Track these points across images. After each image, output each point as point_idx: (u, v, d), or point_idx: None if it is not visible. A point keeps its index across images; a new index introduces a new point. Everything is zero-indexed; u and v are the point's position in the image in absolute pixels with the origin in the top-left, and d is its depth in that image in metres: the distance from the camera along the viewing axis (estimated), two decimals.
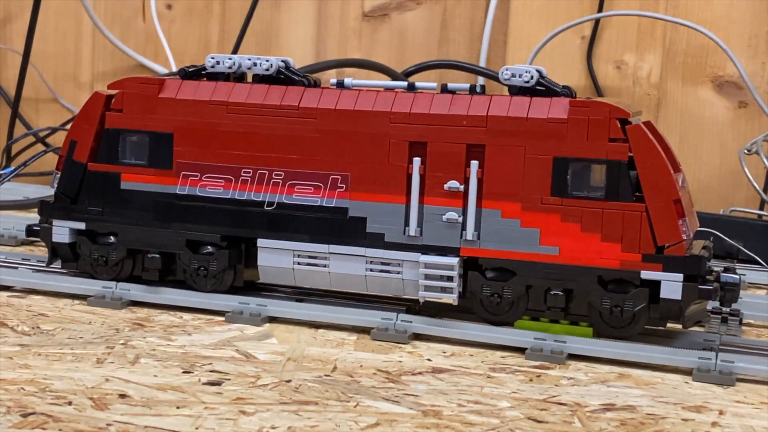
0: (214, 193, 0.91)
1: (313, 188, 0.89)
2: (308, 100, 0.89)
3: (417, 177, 0.87)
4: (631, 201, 0.83)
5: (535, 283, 0.85)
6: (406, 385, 0.75)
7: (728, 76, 1.48)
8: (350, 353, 0.82)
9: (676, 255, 0.82)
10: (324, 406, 0.70)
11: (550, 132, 0.84)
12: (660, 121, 1.49)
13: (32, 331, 0.83)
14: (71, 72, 1.69)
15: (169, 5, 1.66)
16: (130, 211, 0.93)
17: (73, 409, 0.67)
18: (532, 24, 1.53)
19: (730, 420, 0.71)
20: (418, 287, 0.87)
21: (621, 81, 1.51)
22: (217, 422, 0.66)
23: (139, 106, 0.92)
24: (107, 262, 0.94)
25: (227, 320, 0.89)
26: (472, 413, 0.70)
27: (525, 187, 0.85)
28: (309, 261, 0.90)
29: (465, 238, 0.86)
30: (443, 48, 1.57)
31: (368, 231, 0.88)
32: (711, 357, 0.80)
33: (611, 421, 0.70)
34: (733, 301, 0.85)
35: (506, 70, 0.87)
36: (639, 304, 0.84)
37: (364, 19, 1.59)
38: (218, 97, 0.91)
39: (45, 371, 0.74)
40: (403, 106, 0.88)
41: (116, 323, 0.87)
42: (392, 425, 0.67)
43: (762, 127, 1.44)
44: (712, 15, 1.47)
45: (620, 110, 0.84)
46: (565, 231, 0.84)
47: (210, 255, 0.91)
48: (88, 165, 0.93)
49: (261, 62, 0.91)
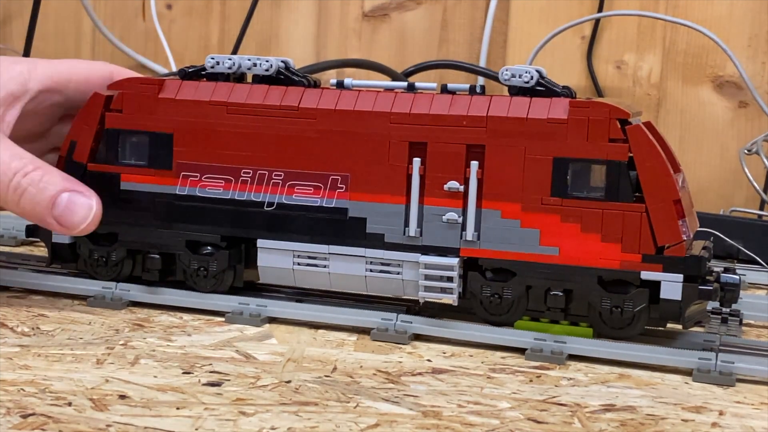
0: (214, 193, 0.91)
1: (312, 189, 0.89)
2: (308, 100, 0.89)
3: (417, 177, 0.87)
4: (631, 201, 0.83)
5: (535, 283, 0.85)
6: (406, 385, 0.75)
7: (728, 76, 1.48)
8: (350, 354, 0.82)
9: (676, 255, 0.82)
10: (324, 406, 0.70)
11: (550, 132, 0.84)
12: (660, 121, 1.49)
13: (32, 332, 0.83)
14: None
15: (169, 5, 1.66)
16: (129, 212, 0.93)
17: (72, 410, 0.67)
18: (532, 24, 1.53)
19: (730, 420, 0.71)
20: (418, 288, 0.87)
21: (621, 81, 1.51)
22: (216, 423, 0.66)
23: (138, 107, 0.92)
24: (107, 262, 0.94)
25: (227, 321, 0.89)
26: (472, 414, 0.70)
27: (525, 188, 0.85)
28: (309, 261, 0.90)
29: (465, 238, 0.86)
30: (443, 48, 1.57)
31: (368, 231, 0.88)
32: (711, 357, 0.80)
33: (611, 422, 0.70)
34: (733, 301, 0.85)
35: (506, 70, 0.87)
36: (639, 305, 0.83)
37: (364, 19, 1.59)
38: (218, 97, 0.91)
39: (45, 372, 0.74)
40: (403, 106, 0.87)
41: (116, 324, 0.87)
42: (392, 426, 0.67)
43: (762, 127, 1.44)
44: (712, 15, 1.47)
45: (620, 110, 0.84)
46: (565, 231, 0.84)
47: (210, 255, 0.91)
48: (88, 165, 0.93)
49: (261, 62, 0.91)
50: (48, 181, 0.87)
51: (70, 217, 0.87)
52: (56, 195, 0.87)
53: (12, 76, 0.91)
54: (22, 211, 0.88)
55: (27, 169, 0.87)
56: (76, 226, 0.88)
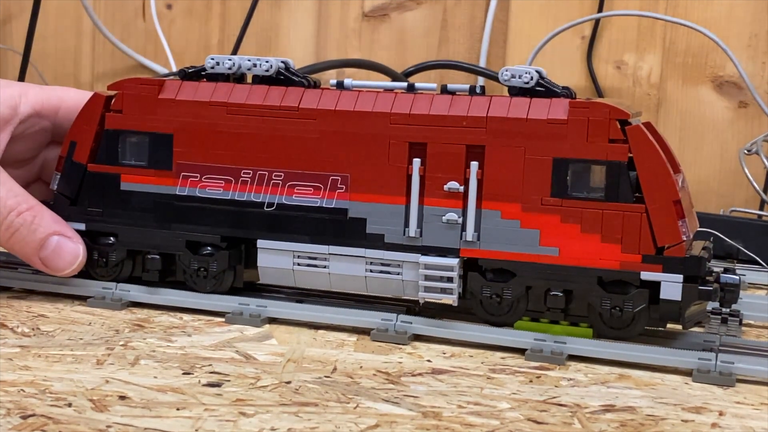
0: (214, 194, 0.91)
1: (312, 189, 0.89)
2: (308, 100, 0.89)
3: (417, 178, 0.87)
4: (630, 202, 0.83)
5: (535, 284, 0.85)
6: (405, 386, 0.75)
7: (728, 76, 1.48)
8: (350, 354, 0.82)
9: (676, 256, 0.82)
10: (324, 407, 0.70)
11: (550, 133, 0.84)
12: (660, 122, 1.49)
13: (32, 333, 0.83)
14: (71, 72, 1.69)
15: (169, 5, 1.66)
16: (129, 212, 0.93)
17: (72, 410, 0.67)
18: (532, 24, 1.53)
19: (730, 421, 0.71)
20: (418, 288, 0.87)
21: (621, 81, 1.51)
22: (217, 424, 0.66)
23: (138, 107, 0.92)
24: (107, 262, 0.94)
25: (227, 321, 0.89)
26: (472, 414, 0.70)
27: (525, 188, 0.85)
28: (309, 262, 0.90)
29: (465, 239, 0.86)
30: (443, 48, 1.57)
31: (368, 232, 0.88)
32: (711, 358, 0.80)
33: (611, 422, 0.70)
34: (732, 301, 0.85)
35: (506, 70, 0.87)
36: (639, 305, 0.84)
37: (364, 19, 1.59)
38: (218, 98, 0.91)
39: (45, 373, 0.74)
40: (403, 106, 0.87)
41: (116, 324, 0.87)
42: (392, 426, 0.67)
43: (762, 127, 1.44)
44: (712, 15, 1.47)
45: (620, 111, 0.84)
46: (565, 232, 0.84)
47: (210, 256, 0.91)
48: (88, 166, 0.93)
49: (261, 63, 0.91)
50: (39, 223, 0.90)
51: (56, 261, 0.91)
52: (45, 238, 0.90)
53: (3, 100, 0.92)
54: (11, 248, 0.91)
55: (21, 208, 0.90)
56: (61, 270, 0.91)
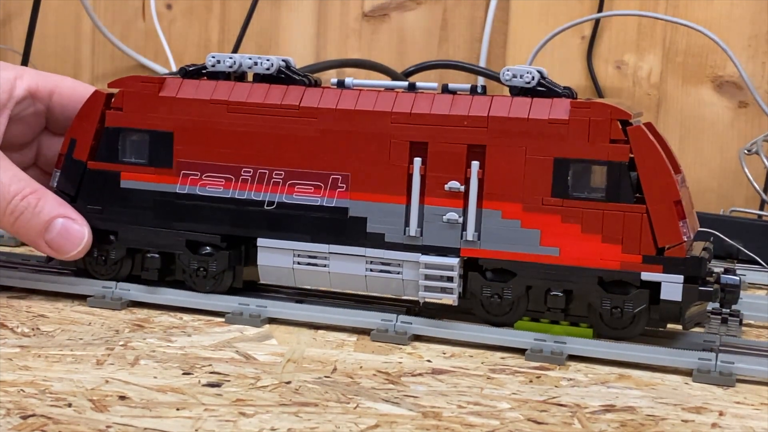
0: (214, 192, 0.91)
1: (313, 188, 0.89)
2: (309, 99, 0.89)
3: (417, 177, 0.87)
4: (631, 202, 0.83)
5: (536, 283, 0.85)
6: (405, 386, 0.75)
7: (728, 76, 1.48)
8: (350, 354, 0.82)
9: (677, 256, 0.82)
10: (324, 407, 0.70)
11: (551, 133, 0.84)
12: (660, 122, 1.49)
13: (32, 333, 0.83)
14: (71, 72, 1.69)
15: (169, 5, 1.66)
16: (129, 210, 0.93)
17: (72, 410, 0.66)
18: (532, 24, 1.53)
19: (730, 421, 0.71)
20: (418, 288, 0.87)
21: (621, 81, 1.51)
22: (216, 424, 0.66)
23: (139, 105, 0.92)
24: (106, 261, 0.94)
25: (227, 321, 0.89)
26: (472, 414, 0.70)
27: (526, 188, 0.85)
28: (309, 261, 0.89)
29: (465, 238, 0.86)
30: (443, 48, 1.57)
31: (368, 231, 0.88)
32: (711, 358, 0.80)
33: (611, 423, 0.70)
34: (733, 302, 0.85)
35: (507, 70, 0.87)
36: (639, 306, 0.83)
37: (364, 19, 1.59)
38: (219, 96, 0.91)
39: (45, 373, 0.74)
40: (403, 106, 0.87)
41: (116, 324, 0.87)
42: (392, 427, 0.67)
43: (762, 127, 1.44)
44: (712, 15, 1.47)
45: (621, 111, 0.83)
46: (566, 232, 0.84)
47: (210, 256, 0.91)
48: (88, 163, 0.93)
49: (262, 61, 0.91)
50: (43, 206, 0.90)
51: (62, 243, 0.91)
52: (50, 220, 0.90)
53: (1, 83, 0.92)
54: (16, 233, 0.91)
55: (25, 192, 0.90)
56: (67, 252, 0.91)
